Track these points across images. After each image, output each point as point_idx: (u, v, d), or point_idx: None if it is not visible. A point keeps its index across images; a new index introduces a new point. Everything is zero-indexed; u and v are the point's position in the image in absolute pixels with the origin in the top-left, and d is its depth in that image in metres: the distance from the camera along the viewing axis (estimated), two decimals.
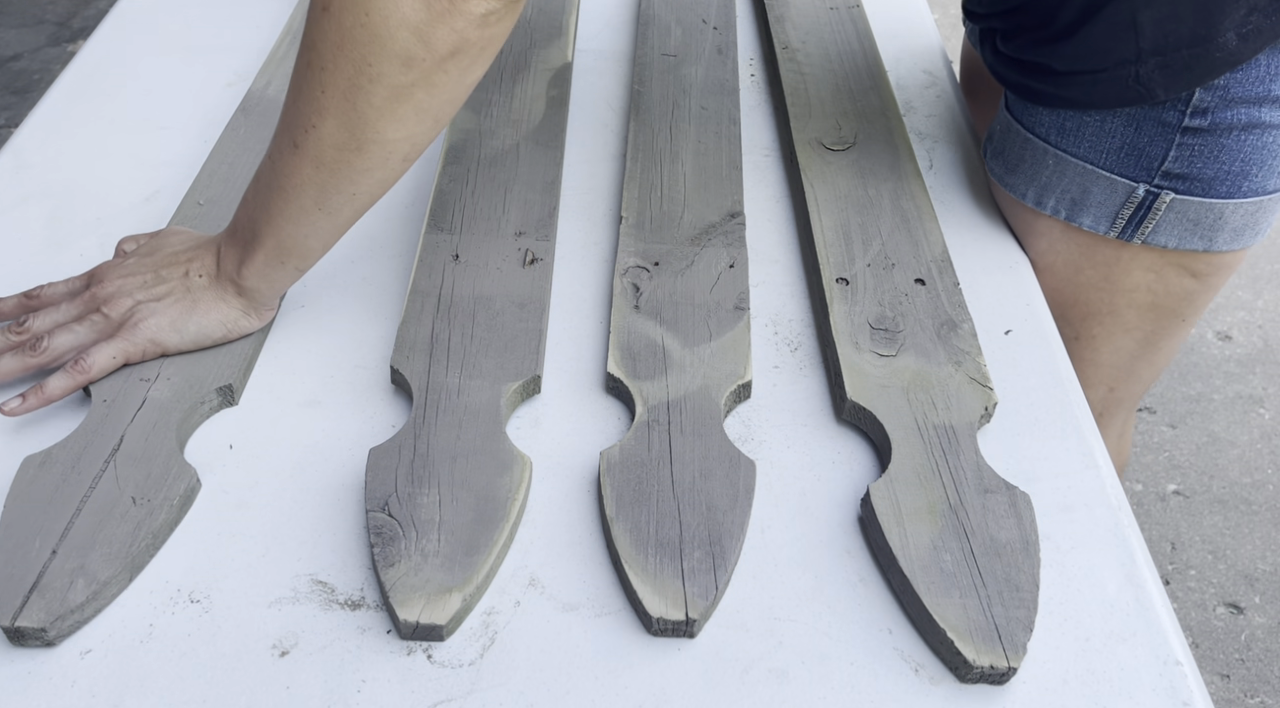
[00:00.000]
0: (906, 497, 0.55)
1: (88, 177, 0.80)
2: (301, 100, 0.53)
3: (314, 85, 0.52)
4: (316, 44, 0.51)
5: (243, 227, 0.60)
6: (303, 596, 0.52)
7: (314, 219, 0.58)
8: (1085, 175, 0.71)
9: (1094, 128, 0.70)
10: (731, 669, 0.50)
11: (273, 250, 0.59)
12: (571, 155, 0.85)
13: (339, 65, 0.51)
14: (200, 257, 0.62)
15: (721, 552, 0.52)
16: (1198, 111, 0.65)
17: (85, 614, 0.50)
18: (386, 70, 0.51)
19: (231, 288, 0.62)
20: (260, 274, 0.61)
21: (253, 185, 0.59)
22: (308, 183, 0.56)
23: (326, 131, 0.53)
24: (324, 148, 0.54)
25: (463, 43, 0.51)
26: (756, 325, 0.69)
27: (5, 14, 2.68)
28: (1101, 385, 0.83)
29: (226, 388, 0.61)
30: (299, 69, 0.53)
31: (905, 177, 0.79)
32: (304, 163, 0.55)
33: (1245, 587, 1.47)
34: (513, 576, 0.53)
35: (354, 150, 0.54)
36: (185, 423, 0.59)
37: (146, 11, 1.01)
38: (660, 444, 0.58)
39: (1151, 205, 0.69)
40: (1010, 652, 0.49)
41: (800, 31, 0.98)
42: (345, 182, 0.56)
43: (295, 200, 0.57)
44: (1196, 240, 0.71)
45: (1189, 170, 0.68)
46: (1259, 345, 1.85)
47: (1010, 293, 0.73)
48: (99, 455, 0.56)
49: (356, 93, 0.51)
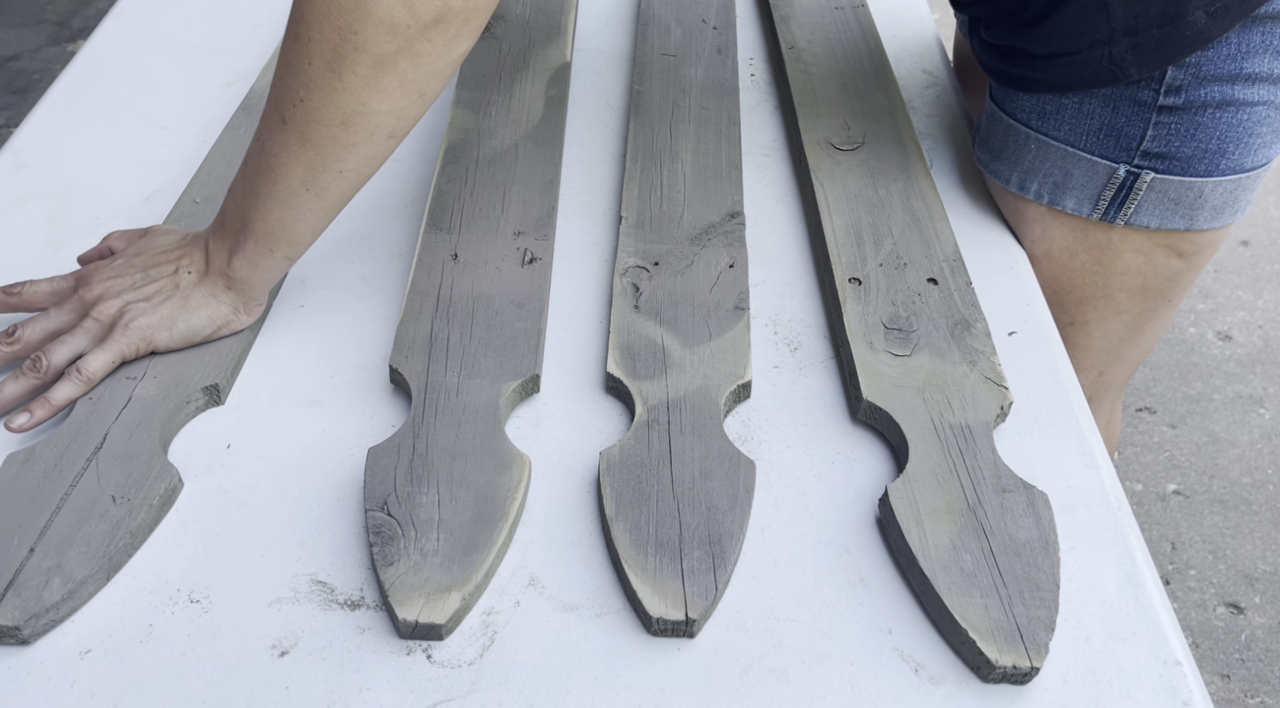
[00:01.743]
0: (925, 497, 0.55)
1: (87, 176, 0.80)
2: (289, 74, 0.54)
3: (300, 58, 0.53)
4: (305, 14, 0.52)
5: (231, 217, 0.60)
6: (302, 595, 0.52)
7: (302, 201, 0.58)
8: (1066, 158, 0.72)
9: (1072, 110, 0.71)
10: (731, 669, 0.50)
11: (262, 237, 0.59)
12: (571, 155, 0.85)
13: (324, 34, 0.52)
14: (188, 253, 0.63)
15: (721, 552, 0.52)
16: (1172, 90, 0.67)
17: (60, 613, 0.50)
18: (371, 38, 0.51)
19: (221, 282, 0.62)
20: (250, 263, 0.61)
21: (240, 173, 0.60)
22: (295, 161, 0.56)
23: (313, 105, 0.54)
24: (310, 123, 0.54)
25: (446, 9, 0.52)
26: (756, 325, 0.69)
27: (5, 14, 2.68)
28: (1092, 369, 0.84)
29: (213, 387, 0.61)
30: (286, 44, 0.54)
31: (915, 176, 0.79)
32: (291, 139, 0.55)
33: (1245, 587, 1.47)
34: (512, 575, 0.53)
35: (339, 124, 0.54)
36: (170, 423, 0.59)
37: (146, 11, 1.01)
38: (660, 444, 0.58)
39: (1133, 186, 0.70)
40: (1032, 651, 0.48)
41: (806, 31, 0.98)
42: (332, 158, 0.56)
43: (283, 180, 0.57)
44: (1178, 219, 0.72)
45: (1167, 149, 0.69)
46: (1259, 345, 1.85)
47: (1010, 293, 0.73)
48: (82, 453, 0.56)
49: (341, 62, 0.52)
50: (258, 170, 0.58)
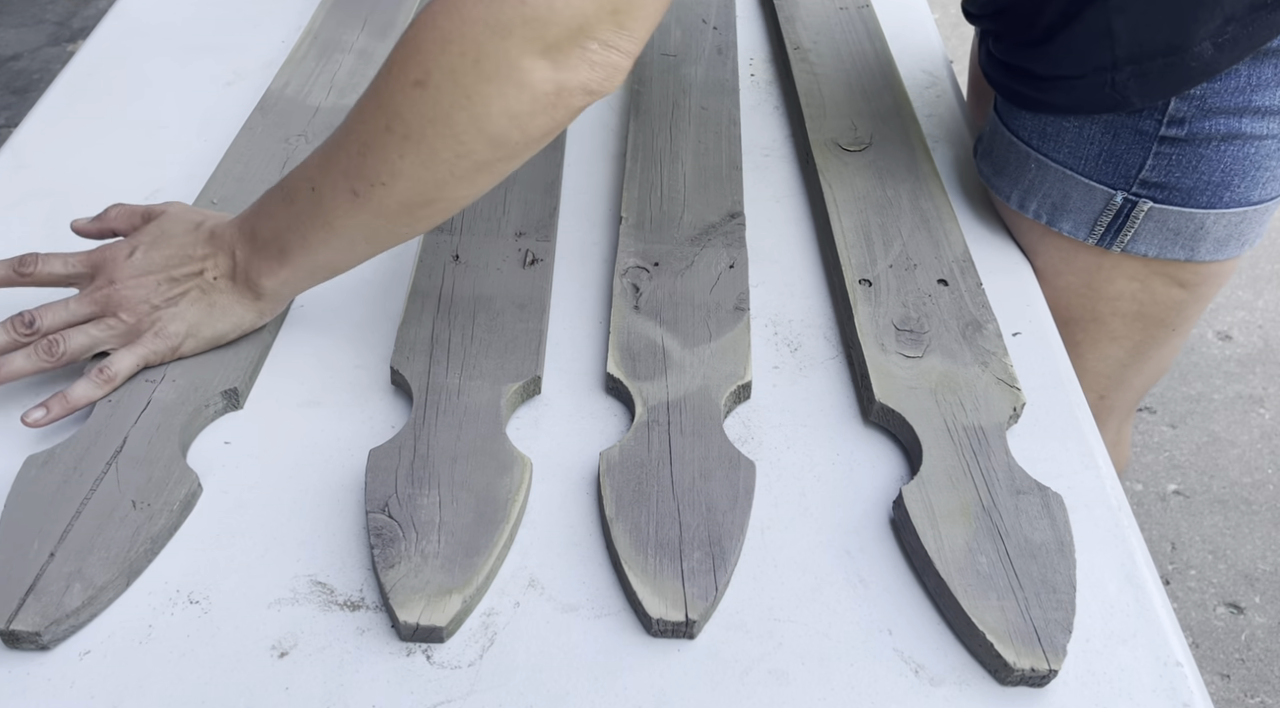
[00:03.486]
0: (939, 499, 0.55)
1: (87, 176, 0.80)
2: (370, 156, 0.53)
3: (392, 150, 0.52)
4: (403, 113, 0.51)
5: (268, 239, 0.59)
6: (302, 596, 0.52)
7: (359, 251, 0.58)
8: (1065, 181, 0.71)
9: (1073, 133, 0.70)
10: (731, 670, 0.50)
11: (303, 267, 0.59)
12: (571, 155, 0.85)
13: (427, 138, 0.51)
14: (214, 256, 0.61)
15: (721, 553, 0.52)
16: (1174, 121, 0.65)
17: (81, 619, 0.49)
18: (477, 148, 0.51)
19: (249, 293, 0.61)
20: (285, 283, 0.60)
21: (284, 205, 0.58)
22: (361, 226, 0.55)
23: (397, 191, 0.53)
24: (389, 203, 0.54)
25: (555, 127, 0.52)
26: (756, 326, 0.69)
27: (5, 14, 2.68)
28: (1091, 392, 0.82)
29: (232, 391, 0.61)
30: (373, 128, 0.52)
31: (923, 177, 0.79)
32: (362, 211, 0.54)
33: (1245, 587, 1.47)
34: (512, 577, 0.53)
35: (421, 205, 0.54)
36: (189, 426, 0.59)
37: (146, 11, 1.01)
38: (660, 445, 0.58)
39: (1130, 213, 0.69)
40: (1050, 654, 0.48)
41: (811, 32, 0.98)
42: (403, 227, 0.56)
43: (343, 236, 0.56)
44: (1178, 250, 0.70)
45: (1167, 179, 0.67)
46: (1259, 345, 1.85)
47: (1011, 294, 0.73)
48: (101, 457, 0.55)
49: (439, 164, 0.52)
50: (312, 220, 0.56)
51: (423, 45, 0.50)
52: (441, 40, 0.49)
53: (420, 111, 0.50)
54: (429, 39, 0.50)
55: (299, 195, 0.57)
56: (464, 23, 0.49)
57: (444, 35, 0.49)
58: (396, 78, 0.51)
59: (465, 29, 0.49)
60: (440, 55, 0.49)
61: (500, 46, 0.48)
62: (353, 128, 0.54)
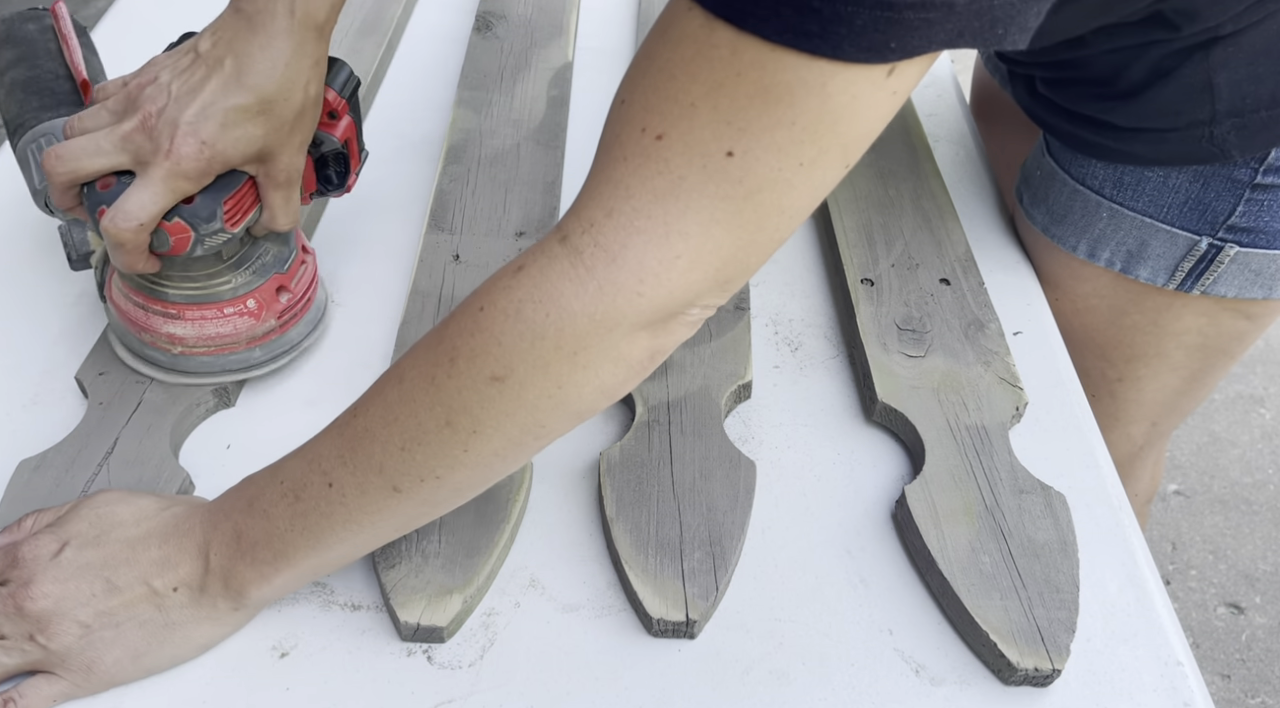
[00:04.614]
0: (942, 498, 0.55)
1: None
2: (424, 452, 0.44)
3: (455, 446, 0.44)
4: (473, 410, 0.43)
5: (259, 541, 0.47)
6: (302, 597, 0.52)
7: (384, 539, 0.48)
8: (1143, 228, 0.68)
9: (1156, 183, 0.67)
10: (732, 670, 0.50)
11: (307, 572, 0.48)
12: (572, 155, 0.85)
13: (502, 429, 0.44)
14: (173, 562, 0.48)
15: (722, 552, 0.52)
16: (1272, 169, 0.63)
17: None
18: (559, 427, 0.45)
19: (226, 605, 0.48)
20: (278, 590, 0.49)
21: (285, 502, 0.47)
22: (401, 516, 0.47)
23: (453, 480, 0.46)
24: (443, 493, 0.46)
25: (620, 389, 0.46)
26: (756, 325, 0.69)
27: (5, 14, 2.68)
28: (1145, 421, 0.80)
29: (223, 389, 0.61)
30: (426, 425, 0.44)
31: (924, 176, 0.79)
32: (406, 503, 0.46)
33: (1246, 587, 1.47)
34: (513, 576, 0.53)
35: (476, 487, 0.48)
36: (180, 425, 0.59)
37: (146, 11, 1.01)
38: (660, 444, 0.58)
39: (1214, 258, 0.67)
40: (1054, 653, 0.48)
41: None
42: (445, 508, 0.48)
43: (371, 530, 0.47)
44: (1257, 289, 0.68)
45: (1256, 224, 0.65)
46: (1259, 345, 1.85)
47: (1011, 293, 0.73)
48: (93, 458, 0.56)
49: (517, 450, 0.45)
50: (328, 518, 0.46)
51: (503, 339, 0.42)
52: (532, 336, 0.42)
53: (497, 407, 0.43)
54: (511, 333, 0.42)
55: (308, 492, 0.46)
56: (563, 317, 0.41)
57: (535, 331, 0.42)
58: (465, 372, 0.43)
59: (565, 324, 0.41)
60: (529, 351, 0.42)
61: (606, 339, 0.42)
62: (391, 421, 0.45)
